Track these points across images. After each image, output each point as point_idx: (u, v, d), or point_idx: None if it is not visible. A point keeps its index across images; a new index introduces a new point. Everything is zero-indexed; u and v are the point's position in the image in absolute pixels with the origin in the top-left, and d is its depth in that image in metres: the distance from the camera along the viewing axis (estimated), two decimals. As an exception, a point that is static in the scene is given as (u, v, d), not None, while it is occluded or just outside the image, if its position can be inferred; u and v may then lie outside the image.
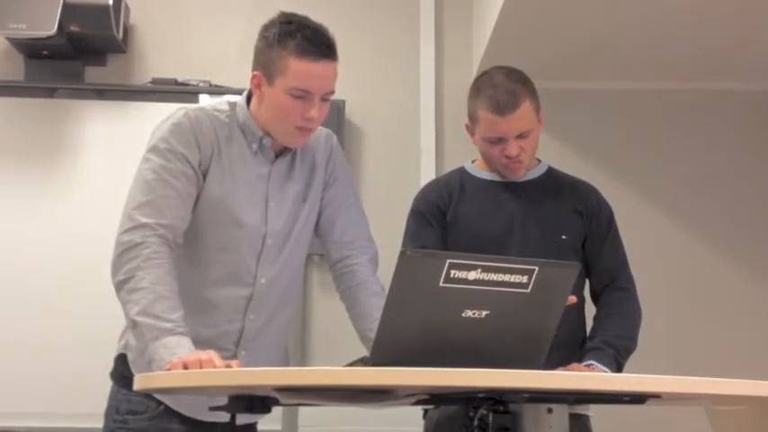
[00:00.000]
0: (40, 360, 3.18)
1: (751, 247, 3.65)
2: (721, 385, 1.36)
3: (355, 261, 1.98)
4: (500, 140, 2.08)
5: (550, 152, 2.49)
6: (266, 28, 1.86)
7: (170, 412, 1.86)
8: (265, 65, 1.84)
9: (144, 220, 1.75)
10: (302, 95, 1.81)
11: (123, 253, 1.72)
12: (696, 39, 3.26)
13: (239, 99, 1.95)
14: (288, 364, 2.08)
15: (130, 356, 1.88)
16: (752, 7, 2.97)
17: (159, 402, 1.85)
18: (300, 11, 1.88)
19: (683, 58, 3.47)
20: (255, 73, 1.87)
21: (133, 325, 1.68)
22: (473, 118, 2.13)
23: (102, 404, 1.92)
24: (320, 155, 2.01)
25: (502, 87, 2.05)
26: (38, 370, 3.17)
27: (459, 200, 2.17)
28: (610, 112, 3.74)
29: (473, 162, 2.26)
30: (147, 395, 1.83)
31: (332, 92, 1.86)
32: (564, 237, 2.13)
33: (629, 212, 2.55)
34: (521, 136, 2.07)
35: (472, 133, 2.16)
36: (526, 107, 2.06)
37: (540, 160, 2.24)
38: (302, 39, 1.79)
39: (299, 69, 1.79)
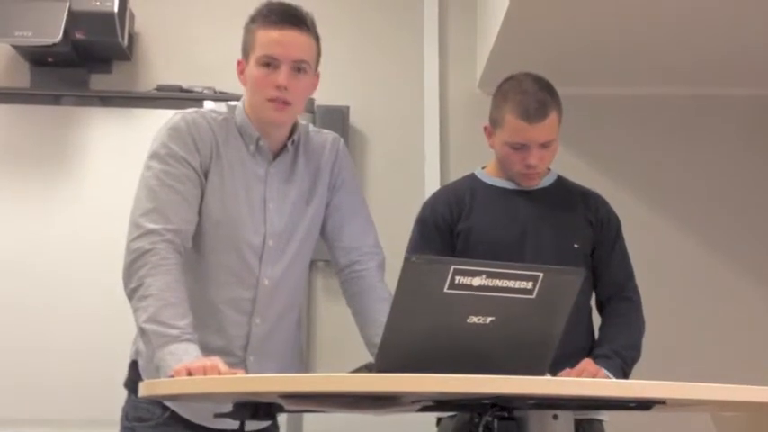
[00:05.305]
0: (48, 367, 3.18)
1: (756, 252, 3.64)
2: (726, 391, 1.36)
3: (363, 267, 1.98)
4: (523, 147, 2.07)
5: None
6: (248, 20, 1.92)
7: (176, 419, 1.85)
8: (243, 48, 1.90)
9: (151, 226, 1.75)
10: (269, 62, 1.84)
11: (134, 261, 1.73)
12: (700, 44, 3.26)
13: (238, 103, 1.96)
14: (303, 369, 2.07)
15: (141, 363, 1.88)
16: (755, 13, 2.96)
17: (165, 409, 1.85)
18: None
19: (688, 64, 3.47)
20: (239, 60, 1.92)
21: (141, 332, 1.68)
22: (497, 122, 2.11)
23: (110, 411, 1.92)
24: (325, 158, 2.01)
25: (532, 95, 2.05)
26: (45, 377, 3.17)
27: (470, 208, 2.16)
28: (613, 117, 3.73)
29: (483, 168, 2.25)
30: (153, 402, 1.83)
31: (303, 61, 1.86)
32: (576, 245, 2.13)
33: (631, 217, 2.54)
34: (543, 145, 2.07)
35: (491, 136, 2.16)
36: (553, 118, 2.07)
37: (549, 169, 2.24)
38: (268, 11, 1.86)
39: (264, 37, 1.85)
